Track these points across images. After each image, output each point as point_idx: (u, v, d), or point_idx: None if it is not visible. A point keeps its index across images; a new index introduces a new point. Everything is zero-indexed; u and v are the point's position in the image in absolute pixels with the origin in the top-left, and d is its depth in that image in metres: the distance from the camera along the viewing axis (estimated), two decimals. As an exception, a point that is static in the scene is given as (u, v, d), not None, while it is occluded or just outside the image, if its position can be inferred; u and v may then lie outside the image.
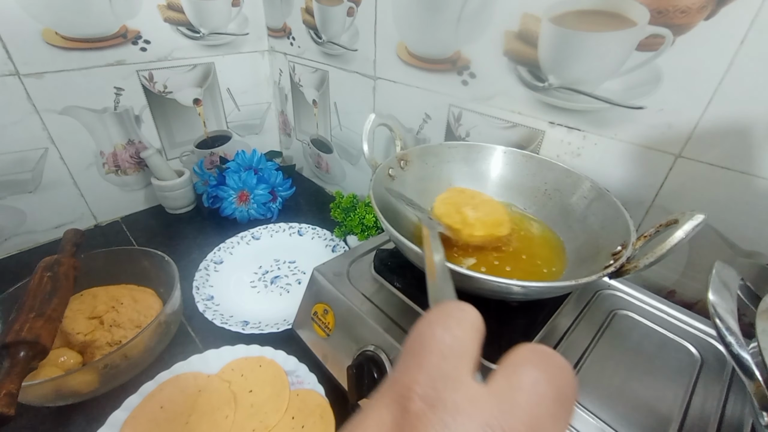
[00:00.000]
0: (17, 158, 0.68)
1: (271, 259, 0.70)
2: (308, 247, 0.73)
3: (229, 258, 0.69)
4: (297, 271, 0.68)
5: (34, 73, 0.65)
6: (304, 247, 0.73)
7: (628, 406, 0.33)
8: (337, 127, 0.84)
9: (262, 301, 0.62)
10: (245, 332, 0.53)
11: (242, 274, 0.67)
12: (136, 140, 0.80)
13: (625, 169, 0.46)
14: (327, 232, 0.75)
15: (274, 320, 0.56)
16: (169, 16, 0.75)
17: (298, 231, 0.76)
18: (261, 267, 0.69)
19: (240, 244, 0.72)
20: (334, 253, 0.70)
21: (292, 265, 0.70)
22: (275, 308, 0.60)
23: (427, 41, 0.58)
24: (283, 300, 0.62)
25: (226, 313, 0.58)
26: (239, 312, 0.59)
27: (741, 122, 0.37)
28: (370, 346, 0.39)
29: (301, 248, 0.73)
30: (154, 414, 0.45)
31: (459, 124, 0.60)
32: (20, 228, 0.73)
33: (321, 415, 0.44)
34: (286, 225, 0.76)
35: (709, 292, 0.27)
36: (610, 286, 0.46)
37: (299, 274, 0.68)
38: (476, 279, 0.29)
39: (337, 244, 0.72)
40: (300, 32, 0.80)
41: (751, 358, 0.25)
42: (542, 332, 0.40)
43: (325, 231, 0.75)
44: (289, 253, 0.72)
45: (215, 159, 0.95)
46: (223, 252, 0.69)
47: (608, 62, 0.43)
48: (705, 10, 0.36)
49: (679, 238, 0.29)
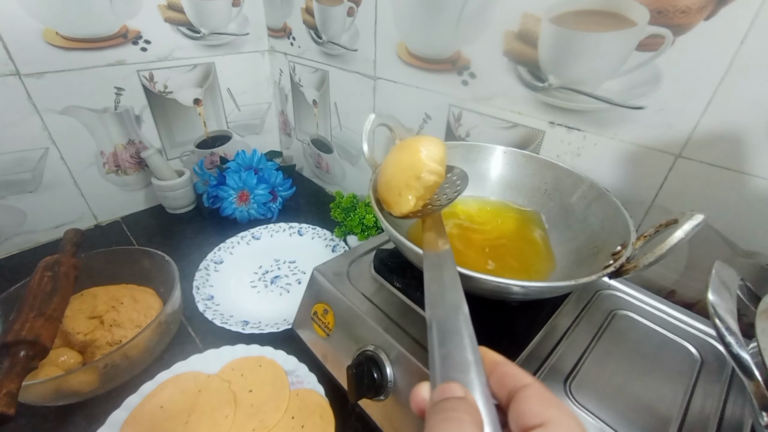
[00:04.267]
0: (18, 158, 0.68)
1: (271, 259, 0.70)
2: (308, 247, 0.73)
3: (229, 258, 0.69)
4: (297, 271, 0.68)
5: (35, 73, 0.65)
6: (304, 247, 0.73)
7: (628, 406, 0.33)
8: (337, 127, 0.84)
9: (262, 301, 0.62)
10: (245, 332, 0.54)
11: (242, 274, 0.66)
12: (137, 140, 0.81)
13: (626, 169, 0.46)
14: (327, 231, 0.75)
15: (274, 320, 0.56)
16: (169, 16, 0.75)
17: (298, 231, 0.75)
18: (261, 267, 0.68)
19: (240, 244, 0.72)
20: (334, 253, 0.70)
21: (292, 265, 0.69)
22: (275, 308, 0.60)
23: (427, 41, 0.58)
24: (283, 300, 0.62)
25: (226, 312, 0.58)
26: (239, 312, 0.59)
27: (741, 122, 0.37)
28: (369, 346, 0.39)
29: (302, 248, 0.73)
30: (154, 414, 0.45)
31: (459, 124, 0.60)
32: (20, 228, 0.73)
33: (321, 414, 0.44)
34: (286, 225, 0.76)
35: (709, 292, 0.27)
36: (610, 286, 0.46)
37: (299, 274, 0.67)
38: (476, 279, 0.29)
39: (337, 244, 0.72)
40: (300, 32, 0.80)
41: (751, 358, 0.25)
42: (542, 332, 0.40)
43: (325, 231, 0.75)
44: (289, 253, 0.72)
45: (215, 159, 0.95)
46: (223, 252, 0.69)
47: (608, 62, 0.43)
48: (705, 10, 0.36)
49: (678, 238, 0.29)
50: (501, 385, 0.19)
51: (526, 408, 0.17)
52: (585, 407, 0.33)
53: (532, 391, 0.18)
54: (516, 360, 0.36)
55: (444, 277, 0.25)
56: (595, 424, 0.31)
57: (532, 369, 0.36)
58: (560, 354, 0.38)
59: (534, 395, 0.18)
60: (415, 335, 0.38)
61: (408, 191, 0.37)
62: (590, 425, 0.31)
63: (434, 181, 0.36)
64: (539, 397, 0.17)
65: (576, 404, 0.33)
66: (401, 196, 0.37)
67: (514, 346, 0.37)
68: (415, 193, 0.36)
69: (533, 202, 0.49)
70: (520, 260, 0.42)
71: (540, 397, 0.17)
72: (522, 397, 0.18)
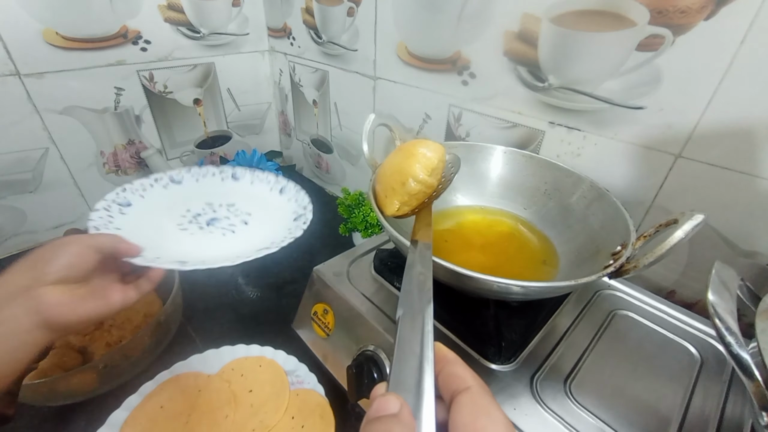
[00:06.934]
0: (18, 158, 0.68)
1: (202, 203, 0.57)
2: (248, 192, 0.60)
3: (139, 201, 0.55)
4: (240, 213, 0.56)
5: (35, 73, 0.65)
6: (243, 192, 0.60)
7: (628, 406, 0.33)
8: (337, 127, 0.84)
9: (200, 243, 0.51)
10: (186, 269, 0.42)
11: (162, 219, 0.53)
12: (137, 140, 0.80)
13: (625, 169, 0.46)
14: (271, 174, 0.60)
15: (223, 258, 0.45)
16: (169, 16, 0.75)
17: (232, 175, 0.61)
18: (189, 210, 0.55)
19: (154, 187, 0.58)
20: (281, 196, 0.58)
21: (231, 207, 0.57)
22: (221, 247, 0.50)
23: (427, 41, 0.58)
24: (228, 240, 0.52)
25: (148, 254, 0.45)
26: (168, 254, 0.47)
27: (741, 122, 0.37)
28: (369, 346, 0.39)
29: (240, 192, 0.60)
30: (154, 414, 0.45)
31: (459, 124, 0.60)
32: (20, 228, 0.73)
33: (321, 414, 0.44)
34: (215, 168, 0.61)
35: (709, 292, 0.27)
36: (610, 286, 0.46)
37: (243, 215, 0.55)
38: (476, 279, 0.29)
39: (285, 186, 0.58)
40: (300, 32, 0.80)
41: (751, 358, 0.25)
42: (542, 332, 0.40)
43: (267, 174, 0.61)
44: (224, 198, 0.58)
45: (215, 159, 0.95)
46: (130, 194, 0.55)
47: (608, 62, 0.43)
48: (705, 10, 0.36)
49: (678, 238, 0.29)
50: (446, 387, 0.19)
51: (458, 418, 0.17)
52: (585, 407, 0.33)
53: (468, 398, 0.18)
54: (516, 360, 0.36)
55: (413, 275, 0.25)
56: (595, 424, 0.31)
57: (532, 369, 0.36)
58: (560, 354, 0.38)
59: (468, 403, 0.17)
60: (415, 335, 0.38)
61: (393, 195, 0.36)
62: (590, 425, 0.31)
63: (419, 190, 0.36)
64: (472, 405, 0.17)
65: (576, 404, 0.33)
66: (387, 198, 0.37)
67: (515, 346, 0.37)
68: (399, 198, 0.36)
69: (533, 202, 0.49)
70: (521, 260, 0.42)
71: (473, 405, 0.17)
72: (457, 404, 0.18)
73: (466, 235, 0.47)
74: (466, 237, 0.46)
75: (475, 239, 0.46)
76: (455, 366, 0.19)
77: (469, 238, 0.46)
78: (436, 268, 0.32)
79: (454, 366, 0.19)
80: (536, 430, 0.31)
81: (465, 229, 0.48)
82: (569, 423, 0.31)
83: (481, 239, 0.46)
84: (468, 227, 0.48)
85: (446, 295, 0.39)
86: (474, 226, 0.48)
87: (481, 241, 0.46)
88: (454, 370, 0.19)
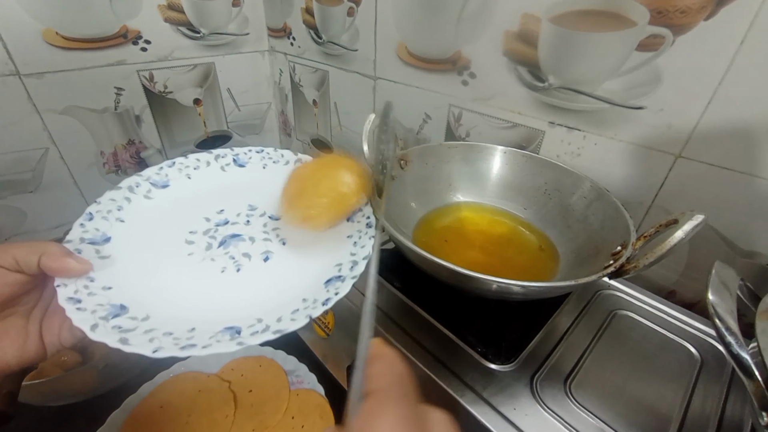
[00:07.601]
0: (18, 158, 0.68)
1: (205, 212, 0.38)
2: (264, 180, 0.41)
3: (119, 229, 0.35)
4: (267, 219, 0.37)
5: (35, 73, 0.65)
6: (254, 184, 0.41)
7: (628, 406, 0.33)
8: (337, 127, 0.84)
9: (220, 288, 0.32)
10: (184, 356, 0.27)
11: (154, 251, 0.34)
12: (137, 140, 0.81)
13: (625, 169, 0.46)
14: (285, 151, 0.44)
15: (246, 320, 0.30)
16: (169, 16, 0.75)
17: (234, 159, 0.43)
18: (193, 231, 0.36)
19: (132, 201, 0.38)
20: None
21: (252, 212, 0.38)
22: (242, 296, 0.32)
23: (428, 41, 0.58)
24: (257, 277, 0.33)
25: (162, 327, 0.28)
26: (162, 311, 0.30)
27: (741, 122, 0.37)
28: (370, 346, 0.39)
29: (252, 185, 0.41)
30: (154, 414, 0.45)
31: (459, 124, 0.60)
32: (21, 228, 0.73)
33: (320, 414, 0.44)
34: (209, 155, 0.43)
35: (709, 293, 0.27)
36: (610, 286, 0.46)
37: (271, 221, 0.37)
38: (476, 279, 0.29)
39: None
40: (300, 32, 0.80)
41: (751, 358, 0.25)
42: (542, 332, 0.40)
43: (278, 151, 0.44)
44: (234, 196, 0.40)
45: (215, 159, 0.95)
46: (100, 221, 0.35)
47: (608, 62, 0.43)
48: (705, 10, 0.36)
49: (678, 238, 0.29)
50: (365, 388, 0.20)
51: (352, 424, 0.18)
52: (585, 407, 0.33)
53: (365, 405, 0.18)
54: (516, 359, 0.36)
55: None
56: (595, 424, 0.31)
57: (532, 369, 0.36)
58: (560, 354, 0.38)
59: (363, 410, 0.18)
60: (416, 335, 0.38)
61: None
62: (590, 425, 0.31)
63: None
64: (364, 414, 0.18)
65: (576, 404, 0.33)
66: None
67: (515, 346, 0.37)
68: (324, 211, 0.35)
69: (533, 202, 0.49)
70: (521, 260, 0.42)
71: (364, 414, 0.18)
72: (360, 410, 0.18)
73: (466, 235, 0.47)
74: (466, 237, 0.46)
75: (475, 239, 0.46)
76: (372, 365, 0.20)
77: (469, 237, 0.46)
78: (436, 268, 0.32)
79: (371, 365, 0.20)
80: (536, 430, 0.31)
81: (465, 228, 0.48)
82: (569, 423, 0.31)
83: (481, 239, 0.46)
84: (468, 227, 0.48)
85: (446, 295, 0.39)
86: (474, 226, 0.48)
87: (481, 241, 0.46)
88: (369, 371, 0.19)
